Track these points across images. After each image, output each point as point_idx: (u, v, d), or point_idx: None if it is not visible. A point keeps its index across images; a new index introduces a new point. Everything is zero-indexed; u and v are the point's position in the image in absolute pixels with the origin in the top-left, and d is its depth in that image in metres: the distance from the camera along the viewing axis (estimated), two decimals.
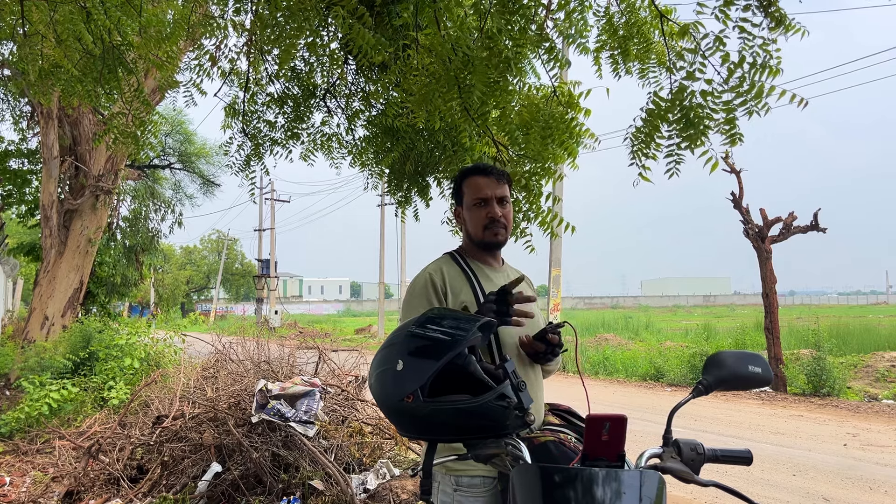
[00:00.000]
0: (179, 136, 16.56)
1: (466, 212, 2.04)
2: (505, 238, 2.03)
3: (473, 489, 1.78)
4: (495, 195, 1.99)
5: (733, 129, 2.25)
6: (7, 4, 3.79)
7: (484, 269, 2.04)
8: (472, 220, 2.01)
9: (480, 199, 1.99)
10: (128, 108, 4.26)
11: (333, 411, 4.89)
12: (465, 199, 2.04)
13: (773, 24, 2.10)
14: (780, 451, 6.63)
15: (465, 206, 2.04)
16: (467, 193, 2.03)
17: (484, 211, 1.99)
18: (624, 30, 2.78)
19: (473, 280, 1.97)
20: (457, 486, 1.81)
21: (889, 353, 11.68)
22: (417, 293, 1.98)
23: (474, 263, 2.04)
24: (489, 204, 1.98)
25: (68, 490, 4.48)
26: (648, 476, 1.14)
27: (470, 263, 2.03)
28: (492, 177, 2.00)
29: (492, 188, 1.99)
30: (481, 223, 1.99)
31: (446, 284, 1.96)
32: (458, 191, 2.08)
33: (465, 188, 2.04)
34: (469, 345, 1.28)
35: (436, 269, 2.01)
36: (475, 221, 2.00)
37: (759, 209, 11.03)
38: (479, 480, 1.76)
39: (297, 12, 2.73)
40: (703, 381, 1.48)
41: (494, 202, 1.99)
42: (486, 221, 1.98)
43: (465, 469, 1.78)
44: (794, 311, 36.33)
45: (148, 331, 8.81)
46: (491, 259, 2.07)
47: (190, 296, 52.41)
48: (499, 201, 2.00)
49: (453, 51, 2.55)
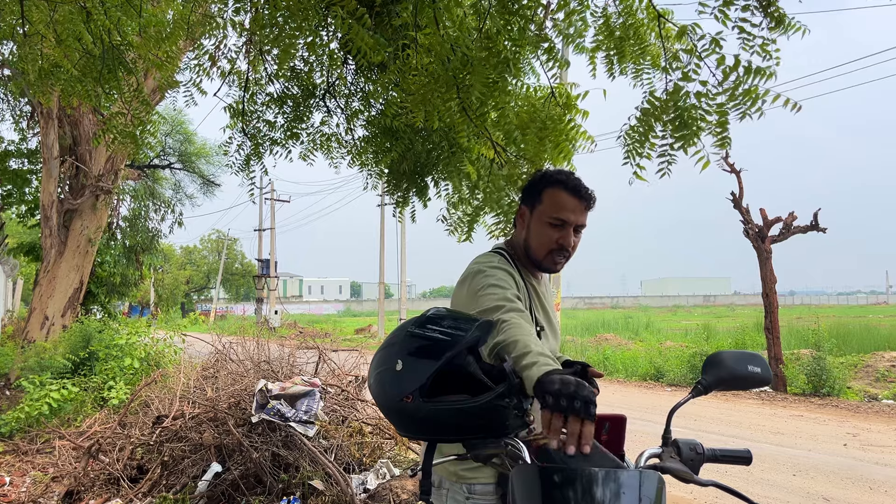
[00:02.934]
0: (179, 136, 16.56)
1: (536, 222, 1.81)
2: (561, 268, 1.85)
3: (486, 497, 1.70)
4: (576, 222, 1.78)
5: (724, 133, 2.26)
6: (7, 4, 3.79)
7: (527, 276, 1.87)
8: (539, 237, 1.80)
9: (560, 220, 1.76)
10: (127, 108, 4.26)
11: (333, 411, 4.90)
12: (541, 208, 1.80)
13: (773, 23, 2.10)
14: (780, 451, 6.63)
15: (537, 216, 1.81)
16: (547, 204, 1.79)
17: (557, 234, 1.77)
18: (620, 31, 2.78)
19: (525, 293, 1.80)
20: (469, 494, 1.73)
21: (889, 353, 11.68)
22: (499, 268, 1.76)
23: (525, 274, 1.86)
24: (566, 229, 1.76)
25: (68, 490, 4.48)
26: (648, 476, 1.14)
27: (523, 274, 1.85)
28: (582, 201, 1.77)
29: (576, 214, 1.77)
30: (549, 246, 1.78)
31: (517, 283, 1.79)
32: (535, 192, 1.83)
33: (545, 196, 1.80)
34: (468, 345, 1.28)
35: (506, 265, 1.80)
36: (542, 240, 1.79)
37: (759, 209, 11.04)
38: (492, 488, 1.69)
39: (296, 12, 2.73)
40: (702, 380, 1.48)
41: (572, 230, 1.78)
42: (554, 246, 1.78)
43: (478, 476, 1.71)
44: (794, 311, 36.36)
45: (148, 331, 8.81)
46: (537, 271, 1.90)
47: (190, 296, 52.41)
48: (576, 230, 1.79)
49: (452, 51, 2.55)
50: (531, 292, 1.83)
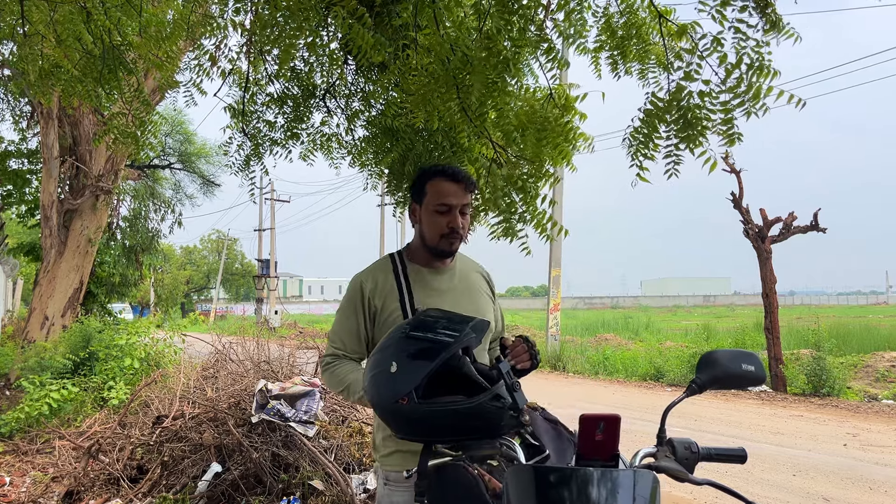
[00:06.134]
0: (179, 136, 16.57)
1: (425, 213, 1.95)
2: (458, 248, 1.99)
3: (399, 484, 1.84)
4: (460, 204, 1.92)
5: (731, 129, 2.25)
6: (7, 4, 3.79)
7: (424, 273, 1.98)
8: (430, 225, 1.93)
9: (444, 205, 1.90)
10: (128, 108, 4.26)
11: (333, 411, 4.90)
12: (427, 200, 1.94)
13: (768, 26, 2.11)
14: (780, 451, 6.63)
15: (425, 208, 1.95)
16: (430, 195, 1.93)
17: (445, 219, 1.90)
18: (623, 30, 2.78)
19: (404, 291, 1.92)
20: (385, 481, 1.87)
21: (889, 353, 11.68)
22: (347, 298, 1.97)
23: (414, 268, 1.98)
24: (452, 213, 1.90)
25: (68, 490, 4.48)
26: (642, 475, 1.14)
27: (408, 269, 1.97)
28: (460, 184, 1.92)
29: (458, 197, 1.91)
30: (439, 231, 1.91)
31: (376, 293, 1.92)
32: (419, 188, 1.98)
33: (428, 189, 1.94)
34: (463, 346, 1.28)
35: (368, 276, 1.97)
36: (433, 227, 1.93)
37: (759, 209, 11.04)
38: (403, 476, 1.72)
39: (296, 12, 2.73)
40: (696, 379, 1.48)
41: (457, 212, 1.91)
42: (445, 231, 1.91)
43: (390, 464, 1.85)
44: (794, 311, 36.35)
45: (149, 330, 8.81)
46: (438, 262, 2.01)
47: (190, 296, 52.40)
48: (462, 212, 1.93)
49: (452, 51, 2.55)
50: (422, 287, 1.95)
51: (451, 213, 1.90)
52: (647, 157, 2.45)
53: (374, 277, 1.95)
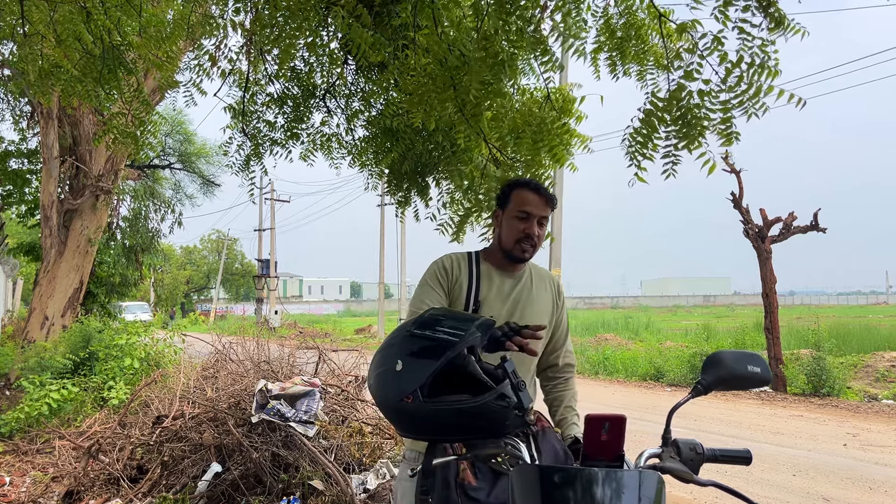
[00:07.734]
0: (179, 136, 16.57)
1: (506, 219, 2.10)
2: (531, 256, 2.11)
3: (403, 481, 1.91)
4: (539, 215, 2.05)
5: (730, 128, 2.25)
6: (7, 4, 3.79)
7: (493, 273, 2.11)
8: (508, 230, 2.07)
9: (524, 212, 2.04)
10: (128, 108, 4.26)
11: (333, 411, 4.90)
12: (509, 206, 2.08)
13: (773, 24, 2.10)
14: (780, 451, 6.63)
15: (507, 214, 2.09)
16: (513, 202, 2.08)
17: (523, 225, 2.04)
18: (622, 31, 2.78)
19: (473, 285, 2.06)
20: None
21: (889, 353, 11.68)
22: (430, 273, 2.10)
23: (486, 266, 2.11)
24: (530, 220, 2.04)
25: (68, 490, 4.48)
26: (647, 476, 1.14)
27: (482, 266, 2.11)
28: (542, 197, 2.06)
29: (538, 207, 2.05)
30: (516, 236, 2.05)
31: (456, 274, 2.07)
32: (504, 197, 2.13)
33: (512, 197, 2.09)
34: (468, 345, 1.28)
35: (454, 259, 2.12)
36: (511, 232, 2.06)
37: (759, 209, 11.04)
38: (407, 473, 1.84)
39: (296, 12, 2.73)
40: (701, 380, 1.48)
41: (535, 220, 2.05)
42: (520, 236, 2.04)
43: None
44: (794, 311, 36.36)
45: (149, 331, 8.81)
46: (509, 266, 2.13)
47: (190, 296, 52.39)
48: (539, 221, 2.06)
49: (449, 51, 2.55)
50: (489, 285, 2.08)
51: (529, 221, 2.04)
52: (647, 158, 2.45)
53: (457, 261, 2.11)
